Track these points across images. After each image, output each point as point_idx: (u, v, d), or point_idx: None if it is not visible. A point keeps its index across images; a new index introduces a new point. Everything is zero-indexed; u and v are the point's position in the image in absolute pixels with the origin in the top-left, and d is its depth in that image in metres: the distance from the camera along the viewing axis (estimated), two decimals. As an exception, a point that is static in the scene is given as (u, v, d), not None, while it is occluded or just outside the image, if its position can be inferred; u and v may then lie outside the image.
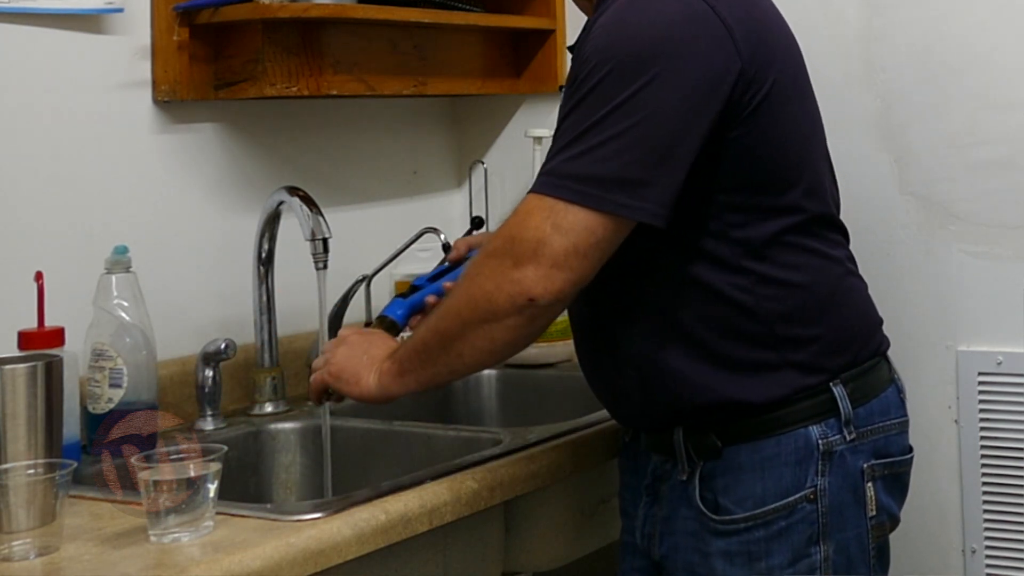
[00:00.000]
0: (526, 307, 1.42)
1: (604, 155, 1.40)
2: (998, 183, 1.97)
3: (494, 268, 1.44)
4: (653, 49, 1.41)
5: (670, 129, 1.40)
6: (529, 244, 1.40)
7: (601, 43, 1.44)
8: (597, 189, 1.40)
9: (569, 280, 1.41)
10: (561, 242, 1.40)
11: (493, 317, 1.44)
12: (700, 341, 1.51)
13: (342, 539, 1.38)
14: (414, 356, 1.54)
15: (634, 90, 1.40)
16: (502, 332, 1.45)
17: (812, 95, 1.61)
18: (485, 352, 1.48)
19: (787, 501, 1.50)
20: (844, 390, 1.53)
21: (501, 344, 1.47)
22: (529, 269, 1.40)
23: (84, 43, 1.86)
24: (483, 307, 1.44)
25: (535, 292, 1.40)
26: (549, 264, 1.40)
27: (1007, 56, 1.96)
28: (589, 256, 1.41)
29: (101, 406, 1.74)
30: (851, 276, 1.61)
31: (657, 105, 1.40)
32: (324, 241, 1.83)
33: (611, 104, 1.40)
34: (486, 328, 1.45)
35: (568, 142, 1.42)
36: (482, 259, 1.47)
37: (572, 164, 1.41)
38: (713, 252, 1.49)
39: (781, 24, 1.58)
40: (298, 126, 2.19)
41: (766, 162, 1.50)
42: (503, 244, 1.43)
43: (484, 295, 1.44)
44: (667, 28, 1.42)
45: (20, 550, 1.32)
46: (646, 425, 1.61)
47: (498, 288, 1.43)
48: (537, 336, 1.50)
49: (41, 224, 1.80)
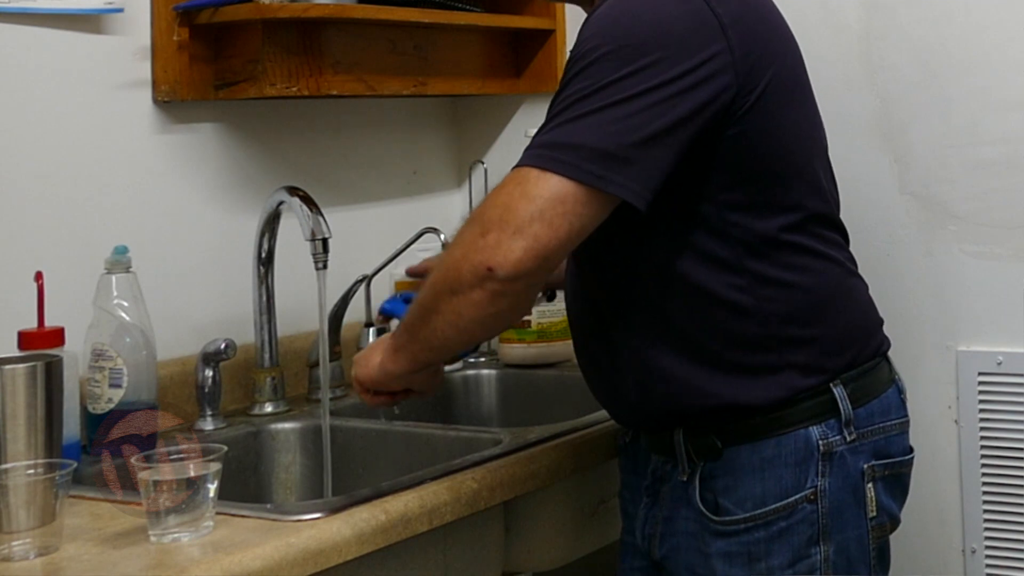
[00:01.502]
0: (486, 278, 1.37)
1: (583, 126, 1.38)
2: (998, 183, 1.97)
3: (464, 236, 1.41)
4: (648, 39, 1.41)
5: (654, 112, 1.39)
6: (496, 211, 1.37)
7: (597, 28, 1.44)
8: (572, 157, 1.36)
9: (531, 249, 1.35)
10: (526, 208, 1.35)
11: (459, 287, 1.40)
12: (699, 344, 1.50)
13: (342, 539, 1.38)
14: (404, 332, 1.53)
15: (624, 73, 1.39)
16: (467, 307, 1.41)
17: (811, 95, 1.60)
18: (453, 327, 1.44)
19: (787, 502, 1.50)
20: (844, 391, 1.53)
21: (467, 320, 1.42)
22: (491, 236, 1.36)
23: (84, 43, 1.86)
24: (451, 276, 1.41)
25: (493, 260, 1.36)
26: (511, 231, 1.35)
27: (1007, 56, 1.96)
28: (554, 225, 1.35)
29: (101, 406, 1.74)
30: (851, 276, 1.60)
31: (645, 89, 1.39)
32: (324, 241, 1.83)
33: (599, 83, 1.39)
34: (454, 301, 1.41)
35: (551, 116, 1.42)
36: (460, 229, 1.45)
37: (550, 135, 1.40)
38: (713, 252, 1.49)
39: (780, 23, 1.58)
40: (298, 126, 2.19)
41: (764, 160, 1.49)
42: (475, 212, 1.42)
43: (453, 264, 1.41)
44: (664, 21, 1.42)
45: (20, 550, 1.32)
46: (646, 426, 1.61)
47: (464, 256, 1.39)
48: (508, 317, 1.45)
49: (41, 224, 1.80)
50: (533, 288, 1.44)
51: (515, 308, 1.44)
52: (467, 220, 1.44)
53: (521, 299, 1.43)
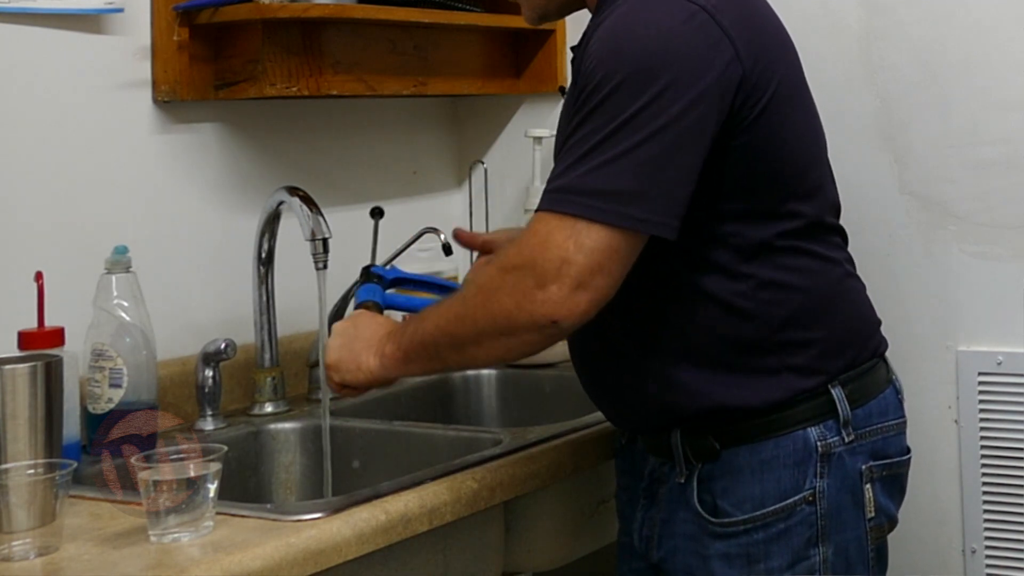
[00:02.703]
0: (547, 327, 1.41)
1: (618, 170, 1.39)
2: (998, 183, 1.97)
3: (515, 286, 1.41)
4: (658, 60, 1.40)
5: (680, 140, 1.40)
6: (552, 264, 1.38)
7: (605, 54, 1.43)
8: (615, 204, 1.38)
9: (593, 300, 1.39)
10: (584, 262, 1.38)
11: (511, 332, 1.43)
12: (697, 346, 1.50)
13: (342, 539, 1.38)
14: (421, 350, 1.53)
15: (643, 104, 1.39)
16: (519, 345, 1.45)
17: (811, 99, 1.60)
18: (498, 358, 1.50)
19: (786, 503, 1.50)
20: (842, 392, 1.53)
21: (517, 354, 1.48)
22: (552, 290, 1.38)
23: (84, 43, 1.86)
24: (502, 323, 1.43)
25: (559, 315, 1.39)
26: (573, 285, 1.38)
27: (1007, 56, 1.96)
28: (612, 274, 1.40)
29: (101, 406, 1.74)
30: (849, 278, 1.60)
31: (667, 118, 1.39)
32: (324, 241, 1.83)
33: (621, 118, 1.39)
34: (503, 340, 1.44)
35: (579, 157, 1.41)
36: (500, 274, 1.43)
37: (587, 179, 1.39)
38: (713, 258, 1.48)
39: (779, 29, 1.58)
40: (298, 126, 2.19)
41: (768, 168, 1.49)
42: (524, 263, 1.41)
43: (504, 312, 1.42)
44: (671, 39, 1.42)
45: (20, 550, 1.32)
46: (643, 428, 1.61)
47: (519, 307, 1.41)
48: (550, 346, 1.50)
49: (41, 224, 1.80)
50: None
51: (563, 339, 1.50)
52: (509, 265, 1.42)
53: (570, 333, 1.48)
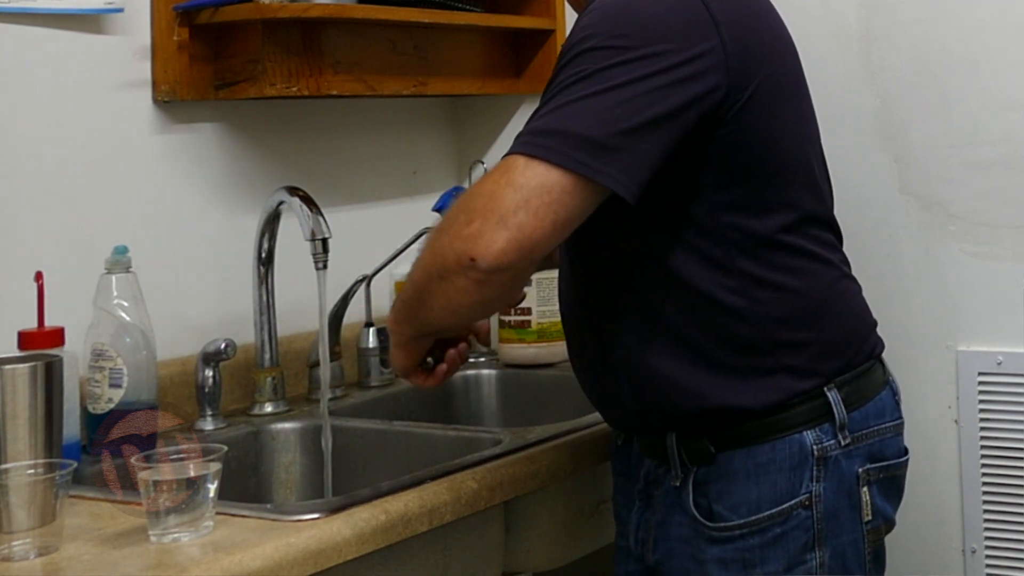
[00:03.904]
0: (469, 268, 1.34)
1: (571, 112, 1.36)
2: (998, 183, 1.97)
3: (451, 223, 1.39)
4: (641, 32, 1.40)
5: (643, 101, 1.37)
6: (481, 199, 1.34)
7: (590, 20, 1.43)
8: (559, 144, 1.34)
9: (512, 240, 1.32)
10: (512, 197, 1.32)
11: (445, 274, 1.38)
12: (693, 345, 1.50)
13: (342, 539, 1.38)
14: (403, 307, 1.51)
15: (614, 62, 1.38)
16: (455, 293, 1.39)
17: (807, 95, 1.60)
18: (447, 310, 1.42)
19: (782, 508, 1.49)
20: (838, 394, 1.52)
21: (457, 305, 1.40)
22: (475, 225, 1.33)
23: (84, 43, 1.86)
24: (439, 262, 1.39)
25: (476, 251, 1.32)
26: (495, 221, 1.32)
27: (1007, 56, 1.96)
28: (539, 216, 1.32)
29: (101, 406, 1.74)
30: (845, 279, 1.60)
31: (634, 78, 1.37)
32: (324, 241, 1.83)
33: (588, 72, 1.38)
34: (443, 286, 1.39)
35: (541, 105, 1.41)
36: (448, 212, 1.42)
37: (539, 121, 1.38)
38: (706, 253, 1.48)
39: (776, 23, 1.57)
40: (298, 126, 2.19)
41: (757, 160, 1.49)
42: (463, 198, 1.40)
43: (439, 249, 1.39)
44: (658, 15, 1.42)
45: (20, 550, 1.32)
46: (638, 429, 1.61)
47: (449, 245, 1.37)
48: (496, 305, 1.44)
49: (41, 224, 1.80)
50: (518, 278, 1.42)
51: (502, 297, 1.43)
52: (456, 205, 1.41)
53: (506, 288, 1.41)
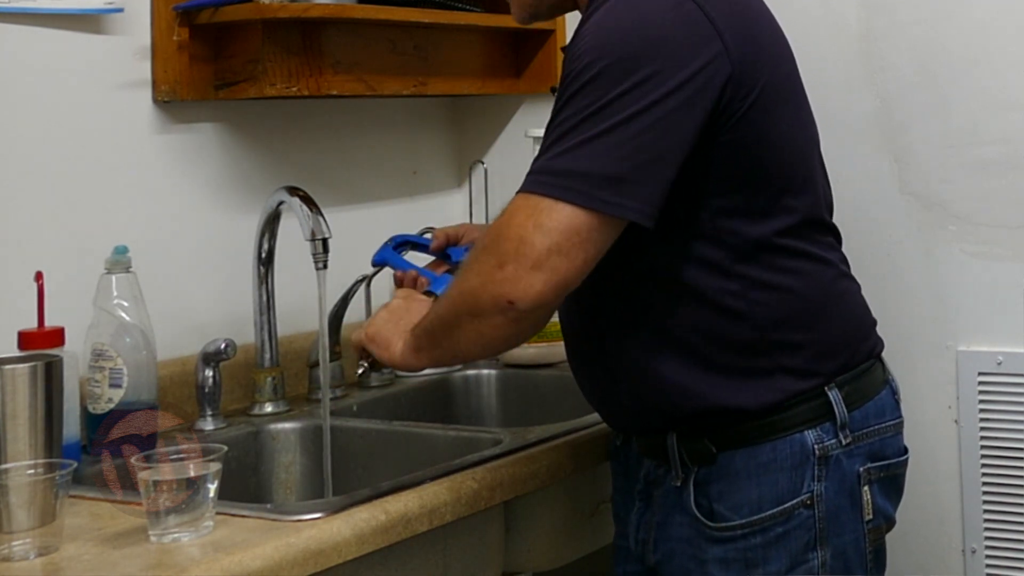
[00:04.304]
0: (507, 309, 1.40)
1: (590, 152, 1.38)
2: (998, 183, 1.97)
3: (481, 265, 1.42)
4: (643, 50, 1.40)
5: (658, 129, 1.39)
6: (511, 243, 1.38)
7: (592, 42, 1.43)
8: (582, 185, 1.37)
9: (550, 282, 1.37)
10: (542, 241, 1.37)
11: (479, 313, 1.43)
12: (692, 347, 1.50)
13: (342, 539, 1.38)
14: (424, 337, 1.55)
15: (623, 90, 1.38)
16: (489, 329, 1.44)
17: (804, 97, 1.60)
18: (478, 345, 1.48)
19: (784, 507, 1.49)
20: (839, 394, 1.52)
21: (490, 339, 1.46)
22: (509, 269, 1.38)
23: (84, 43, 1.86)
24: (470, 303, 1.44)
25: (514, 295, 1.38)
26: (529, 265, 1.37)
27: (1007, 56, 1.96)
28: (571, 256, 1.37)
29: (101, 406, 1.74)
30: (844, 279, 1.60)
31: (646, 105, 1.38)
32: (324, 241, 1.83)
33: (599, 103, 1.39)
34: (475, 323, 1.45)
35: (555, 140, 1.41)
36: (474, 254, 1.46)
37: (557, 161, 1.39)
38: (705, 256, 1.48)
39: (772, 26, 1.57)
40: (298, 126, 2.19)
41: (757, 165, 1.49)
42: (490, 242, 1.42)
43: (471, 291, 1.44)
44: (658, 29, 1.42)
45: (20, 550, 1.32)
46: (638, 429, 1.61)
47: (482, 287, 1.42)
48: (529, 334, 1.50)
49: (41, 224, 1.80)
50: (552, 311, 1.49)
51: (535, 327, 1.50)
52: (481, 246, 1.44)
53: (540, 322, 1.49)
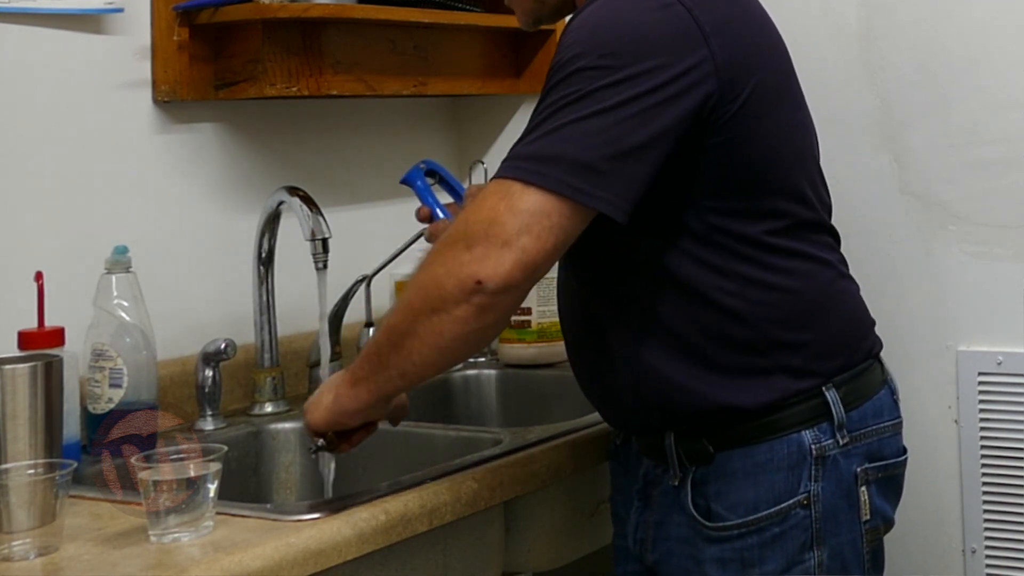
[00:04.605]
0: (474, 292, 1.36)
1: (563, 137, 1.37)
2: (998, 183, 1.97)
3: (446, 253, 1.39)
4: (629, 48, 1.40)
5: (634, 123, 1.38)
6: (481, 225, 1.36)
7: (578, 36, 1.43)
8: (553, 169, 1.36)
9: (519, 262, 1.35)
10: (513, 222, 1.35)
11: (442, 305, 1.38)
12: (690, 346, 1.50)
13: (342, 539, 1.38)
14: (365, 363, 1.49)
15: (604, 83, 1.38)
16: (451, 324, 1.39)
17: (801, 98, 1.60)
18: (433, 348, 1.41)
19: (780, 507, 1.49)
20: (837, 394, 1.52)
21: (449, 338, 1.40)
22: (478, 250, 1.35)
23: (84, 43, 1.86)
24: (433, 294, 1.39)
25: (482, 273, 1.35)
26: (499, 244, 1.35)
27: (1007, 56, 1.96)
28: (542, 239, 1.36)
29: (101, 406, 1.74)
30: (842, 279, 1.59)
31: (624, 99, 1.38)
32: (324, 241, 1.84)
33: (578, 93, 1.38)
34: (435, 320, 1.39)
35: (533, 127, 1.41)
36: (438, 246, 1.42)
37: (531, 146, 1.39)
38: (701, 256, 1.48)
39: (766, 28, 1.57)
40: (298, 126, 2.19)
41: (748, 168, 1.48)
42: (457, 228, 1.40)
43: (434, 281, 1.39)
44: (645, 29, 1.42)
45: (20, 550, 1.32)
46: (637, 429, 1.61)
47: (448, 273, 1.38)
48: (490, 334, 1.44)
49: (41, 224, 1.80)
50: (518, 302, 1.43)
51: (498, 323, 1.43)
52: (445, 239, 1.41)
53: (505, 313, 1.42)
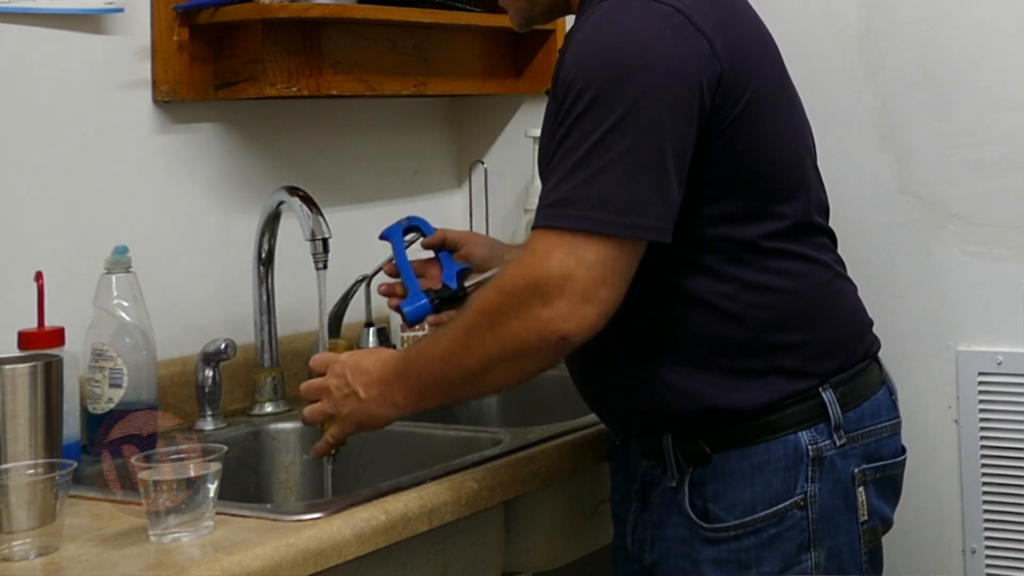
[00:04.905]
0: (557, 345, 1.41)
1: (609, 179, 1.38)
2: (998, 183, 1.97)
3: (520, 308, 1.40)
4: (636, 65, 1.40)
5: (664, 143, 1.40)
6: (556, 281, 1.38)
7: (582, 63, 1.43)
8: (611, 215, 1.38)
9: (600, 313, 1.39)
10: (588, 276, 1.38)
11: (523, 354, 1.43)
12: (688, 348, 1.50)
13: (342, 539, 1.38)
14: (435, 389, 1.52)
15: (623, 111, 1.39)
16: (531, 364, 1.45)
17: (796, 99, 1.60)
18: (514, 380, 1.49)
19: (777, 508, 1.49)
20: (834, 395, 1.52)
21: (530, 374, 1.47)
22: (559, 306, 1.38)
23: (84, 43, 1.86)
24: (512, 347, 1.42)
25: (568, 330, 1.39)
26: (579, 300, 1.38)
27: (1007, 56, 1.96)
28: (615, 285, 1.40)
29: (101, 406, 1.74)
30: (839, 279, 1.60)
31: (648, 122, 1.39)
32: (324, 241, 1.84)
33: (604, 126, 1.39)
34: (515, 363, 1.44)
35: (569, 169, 1.40)
36: (503, 298, 1.42)
37: (579, 192, 1.39)
38: (698, 260, 1.48)
39: (759, 29, 1.57)
40: (298, 126, 2.19)
41: (749, 170, 1.49)
42: (527, 283, 1.40)
43: (513, 336, 1.42)
44: (646, 41, 1.41)
45: (20, 550, 1.32)
46: (635, 430, 1.61)
47: (527, 329, 1.40)
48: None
49: (41, 224, 1.80)
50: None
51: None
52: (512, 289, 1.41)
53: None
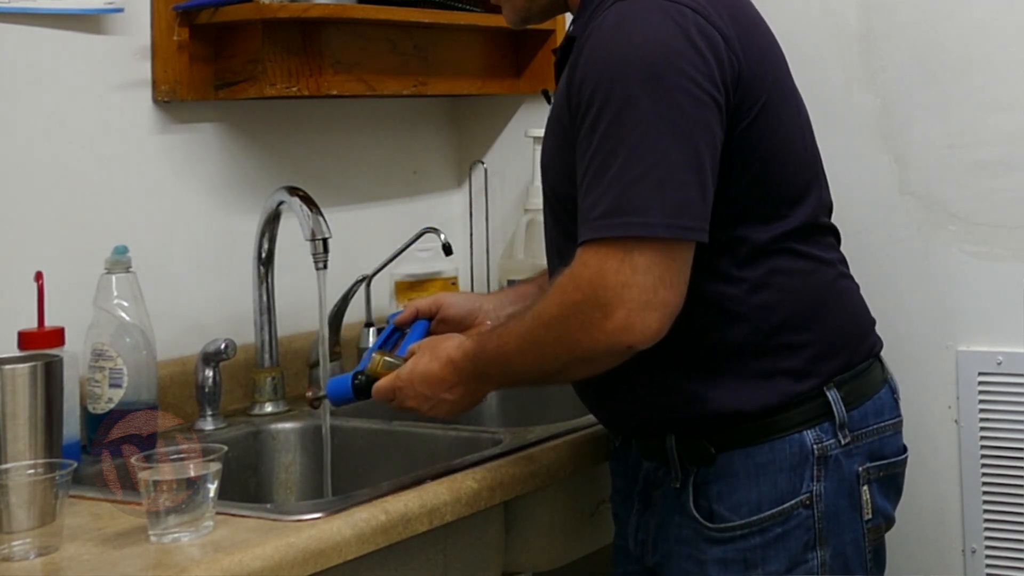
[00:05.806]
0: (627, 352, 1.40)
1: (652, 184, 1.37)
2: (998, 183, 1.97)
3: (584, 320, 1.40)
4: (660, 66, 1.39)
5: (699, 142, 1.40)
6: (614, 291, 1.37)
7: (604, 69, 1.41)
8: (659, 218, 1.37)
9: (663, 315, 1.38)
10: (644, 280, 1.37)
11: (593, 359, 1.43)
12: (692, 351, 1.50)
13: (342, 539, 1.38)
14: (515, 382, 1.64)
15: (658, 114, 1.38)
16: (602, 367, 1.45)
17: (799, 99, 1.60)
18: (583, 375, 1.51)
19: (783, 507, 1.50)
20: (837, 394, 1.52)
21: (601, 370, 1.47)
22: (619, 316, 1.37)
23: (84, 43, 1.86)
24: (580, 356, 1.43)
25: (632, 339, 1.38)
26: (639, 308, 1.37)
27: (1007, 56, 1.96)
28: (675, 285, 1.39)
29: (101, 406, 1.74)
30: (842, 279, 1.60)
31: (683, 122, 1.39)
32: (324, 241, 1.83)
33: (639, 131, 1.38)
34: (586, 366, 1.46)
35: (612, 179, 1.39)
36: (565, 311, 1.42)
37: (625, 200, 1.38)
38: (708, 262, 1.47)
39: (766, 30, 1.57)
40: (298, 126, 2.19)
41: (761, 170, 1.49)
42: (585, 296, 1.39)
43: (582, 346, 1.41)
44: (670, 42, 1.41)
45: (20, 550, 1.32)
46: (637, 432, 1.61)
47: (594, 340, 1.40)
48: None
49: (41, 224, 1.80)
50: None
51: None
52: (571, 303, 1.41)
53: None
